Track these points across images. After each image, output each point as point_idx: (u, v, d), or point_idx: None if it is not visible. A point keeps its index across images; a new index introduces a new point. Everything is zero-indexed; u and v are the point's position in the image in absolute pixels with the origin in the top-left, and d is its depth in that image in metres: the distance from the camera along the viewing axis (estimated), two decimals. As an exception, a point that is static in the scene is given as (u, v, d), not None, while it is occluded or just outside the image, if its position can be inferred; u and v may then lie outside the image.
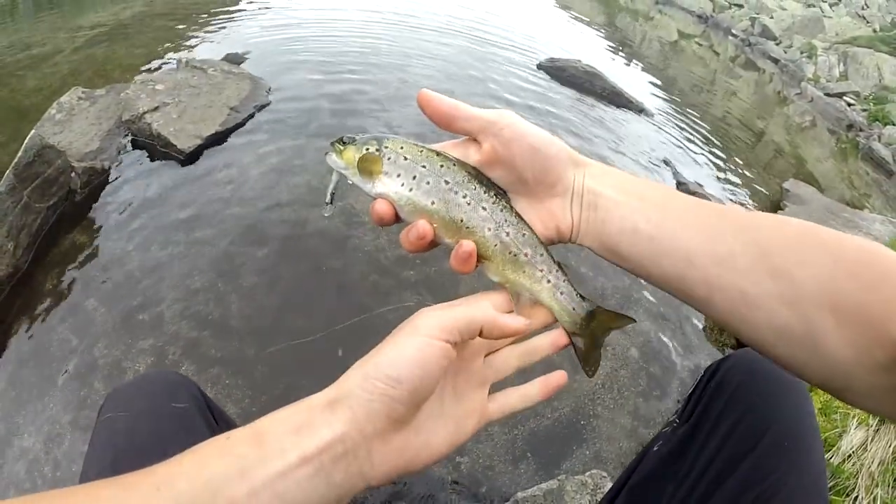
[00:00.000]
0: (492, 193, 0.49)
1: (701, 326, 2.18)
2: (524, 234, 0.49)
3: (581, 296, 0.52)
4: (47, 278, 1.81)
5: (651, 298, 2.18)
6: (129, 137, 2.48)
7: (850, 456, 1.62)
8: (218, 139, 2.52)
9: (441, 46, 4.35)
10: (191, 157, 2.38)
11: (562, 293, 0.51)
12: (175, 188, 2.23)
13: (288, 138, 2.61)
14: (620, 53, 5.78)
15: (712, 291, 0.46)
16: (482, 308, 0.45)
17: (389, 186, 0.49)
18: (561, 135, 3.24)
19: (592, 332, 0.53)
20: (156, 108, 2.57)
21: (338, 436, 0.39)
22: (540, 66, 4.30)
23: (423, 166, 0.49)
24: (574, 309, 0.52)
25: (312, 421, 0.39)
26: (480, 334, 0.44)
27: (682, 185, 3.04)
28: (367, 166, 0.49)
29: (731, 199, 3.34)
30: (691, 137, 4.02)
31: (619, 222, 0.48)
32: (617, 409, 1.75)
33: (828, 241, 0.44)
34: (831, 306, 0.41)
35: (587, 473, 1.43)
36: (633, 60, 5.71)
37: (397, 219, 0.50)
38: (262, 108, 2.79)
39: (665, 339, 2.05)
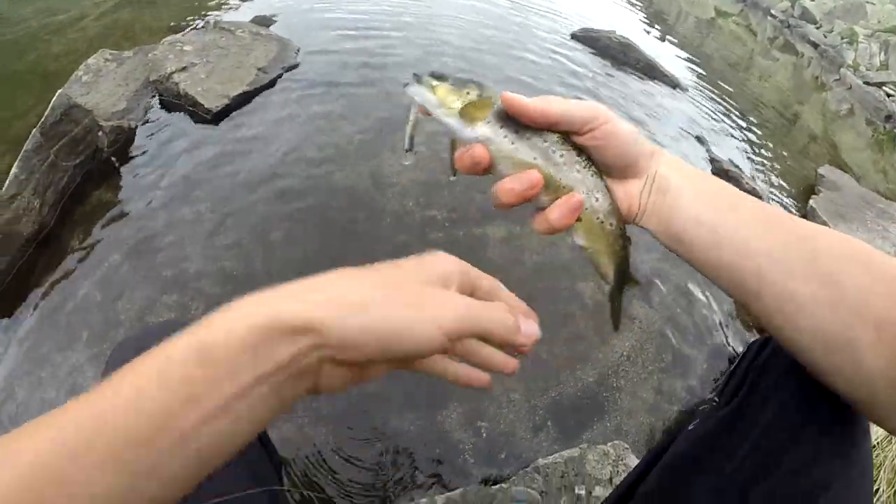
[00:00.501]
0: (583, 158, 0.50)
1: (729, 307, 2.12)
2: (610, 204, 0.51)
3: None
4: (73, 235, 1.82)
5: (681, 274, 2.13)
6: (157, 97, 2.48)
7: (873, 447, 1.58)
8: (245, 99, 2.49)
9: (475, 9, 4.24)
10: (218, 117, 2.37)
11: (627, 260, 0.55)
12: (202, 147, 2.22)
13: (315, 99, 2.58)
14: (655, 27, 5.59)
15: (763, 286, 0.47)
16: (499, 317, 0.41)
17: (491, 134, 0.47)
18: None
19: (621, 296, 0.58)
20: (183, 69, 2.55)
21: (299, 357, 0.35)
22: (574, 36, 4.16)
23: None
24: (627, 274, 0.56)
25: (274, 340, 0.34)
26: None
27: (715, 163, 2.96)
28: (472, 110, 0.47)
29: (763, 180, 3.24)
30: (726, 116, 3.89)
31: (685, 210, 0.51)
32: (640, 383, 1.72)
33: (875, 260, 0.46)
34: (874, 320, 0.43)
35: (609, 444, 1.41)
36: (668, 35, 5.51)
37: (484, 170, 0.49)
38: (290, 69, 2.75)
39: (693, 316, 2.00)
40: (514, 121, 0.48)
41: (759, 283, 0.47)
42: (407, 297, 0.37)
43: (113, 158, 2.14)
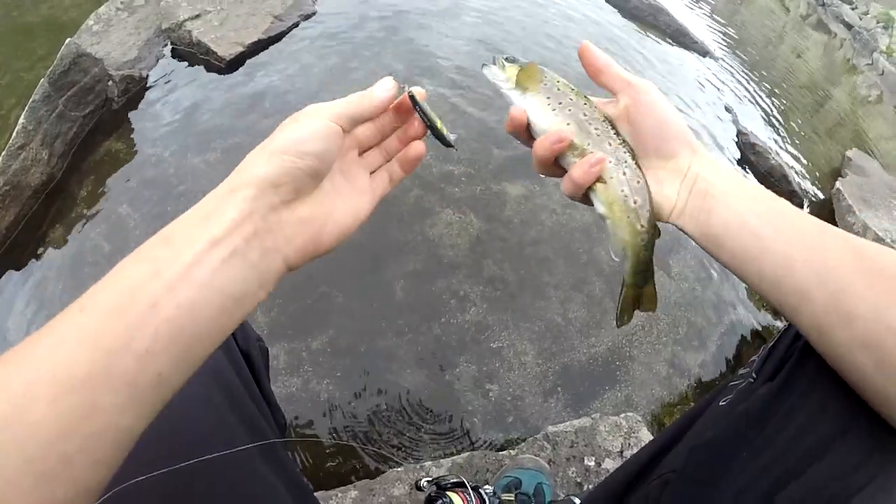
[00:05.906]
0: (619, 136, 0.53)
1: (745, 285, 2.07)
2: (639, 182, 0.52)
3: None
4: (82, 186, 1.80)
5: (699, 248, 2.07)
6: (169, 46, 2.41)
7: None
8: (260, 47, 2.42)
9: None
10: (231, 65, 2.30)
11: (649, 251, 0.54)
12: (214, 95, 2.16)
13: (333, 49, 2.49)
14: (685, -6, 5.39)
15: (804, 302, 0.45)
16: (357, 95, 0.50)
17: (536, 102, 0.54)
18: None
19: (637, 296, 0.57)
20: (196, 16, 2.48)
21: (245, 213, 0.39)
22: (603, -6, 3.98)
23: (570, 98, 0.54)
24: (647, 272, 0.55)
25: (217, 207, 0.39)
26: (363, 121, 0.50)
27: (742, 135, 2.87)
28: (525, 81, 0.54)
29: (789, 157, 3.14)
30: (754, 89, 3.74)
31: (725, 216, 0.49)
32: (654, 354, 1.68)
33: None
34: None
35: (622, 415, 1.37)
36: (700, 2, 5.31)
37: (527, 133, 0.55)
38: (307, 17, 2.65)
39: (709, 291, 1.95)
40: (561, 95, 0.54)
41: (801, 299, 0.45)
42: (290, 122, 0.47)
43: (123, 108, 2.09)
